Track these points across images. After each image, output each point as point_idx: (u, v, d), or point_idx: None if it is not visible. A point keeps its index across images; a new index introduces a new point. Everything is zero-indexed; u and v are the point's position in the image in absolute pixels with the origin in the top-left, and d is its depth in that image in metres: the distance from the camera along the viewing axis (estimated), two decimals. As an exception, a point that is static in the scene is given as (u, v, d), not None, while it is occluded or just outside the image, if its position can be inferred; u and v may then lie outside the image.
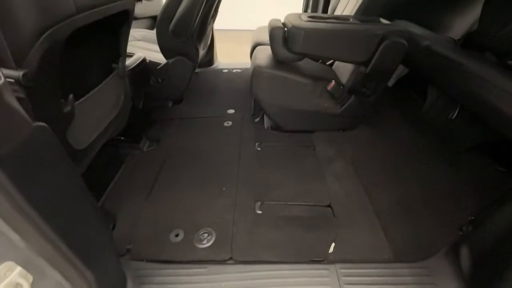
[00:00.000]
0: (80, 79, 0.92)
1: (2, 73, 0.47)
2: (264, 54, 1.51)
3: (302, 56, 1.38)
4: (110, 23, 0.93)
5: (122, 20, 1.03)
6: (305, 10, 2.68)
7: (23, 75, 0.56)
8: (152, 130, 1.64)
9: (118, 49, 1.11)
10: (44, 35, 0.61)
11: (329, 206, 1.16)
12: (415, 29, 1.80)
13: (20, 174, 0.46)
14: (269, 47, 1.42)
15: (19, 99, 0.52)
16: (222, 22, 3.19)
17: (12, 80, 0.56)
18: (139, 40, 2.09)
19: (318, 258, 0.96)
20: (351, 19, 1.36)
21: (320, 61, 1.78)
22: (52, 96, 0.72)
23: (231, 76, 2.41)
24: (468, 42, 1.57)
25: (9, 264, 0.54)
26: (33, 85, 0.59)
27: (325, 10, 2.46)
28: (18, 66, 0.59)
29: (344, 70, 1.50)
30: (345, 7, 2.02)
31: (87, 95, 0.94)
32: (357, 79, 1.39)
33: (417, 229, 1.07)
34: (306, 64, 1.51)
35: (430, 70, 1.52)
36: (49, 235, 0.53)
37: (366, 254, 0.97)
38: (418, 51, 1.58)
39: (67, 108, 0.81)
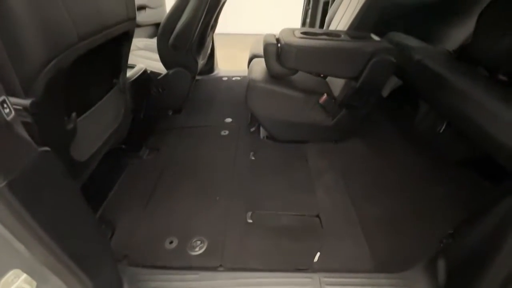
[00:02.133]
0: (82, 97, 0.99)
1: (12, 103, 0.53)
2: (260, 67, 1.57)
3: (295, 71, 1.44)
4: (111, 43, 1.00)
5: (123, 40, 1.10)
6: (304, 20, 2.74)
7: (31, 103, 0.63)
8: (152, 139, 1.71)
9: (119, 65, 1.18)
10: (49, 65, 0.68)
11: (317, 216, 1.22)
12: (410, 41, 1.83)
13: (27, 195, 0.53)
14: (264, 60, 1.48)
15: (26, 124, 0.59)
16: (225, 26, 3.24)
17: (20, 108, 0.63)
18: (141, 49, 2.16)
19: (303, 267, 1.02)
20: (342, 35, 1.41)
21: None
22: (56, 117, 0.79)
23: (230, 84, 2.48)
24: (462, 55, 1.60)
25: (16, 271, 0.61)
26: (39, 111, 0.66)
27: (322, 20, 2.51)
28: (24, 94, 0.66)
29: (336, 83, 1.55)
30: (341, 19, 2.08)
31: (89, 111, 1.01)
32: (349, 93, 1.44)
33: (400, 241, 1.12)
34: (300, 76, 1.56)
35: (421, 84, 1.56)
36: (52, 246, 0.60)
37: (348, 264, 1.03)
38: (410, 64, 1.62)
39: (70, 126, 0.88)
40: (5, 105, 0.49)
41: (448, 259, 0.94)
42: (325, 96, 1.47)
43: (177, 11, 1.52)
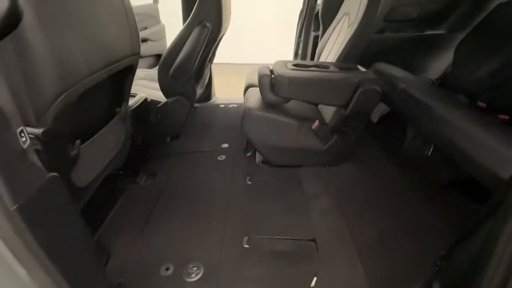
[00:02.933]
0: (86, 125, 1.04)
1: (27, 132, 0.58)
2: (254, 96, 1.66)
3: (288, 99, 1.53)
4: (116, 75, 1.07)
5: (127, 72, 1.18)
6: (296, 51, 2.92)
7: (42, 132, 0.68)
8: (149, 164, 1.74)
9: (122, 95, 1.25)
10: (60, 98, 0.74)
11: (313, 240, 1.23)
12: (395, 71, 1.97)
13: (34, 218, 0.56)
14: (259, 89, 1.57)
15: (36, 151, 0.63)
16: (222, 56, 3.43)
17: (33, 136, 0.68)
18: (142, 78, 2.27)
19: (300, 292, 1.02)
20: (331, 67, 1.52)
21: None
22: (61, 144, 0.83)
23: (227, 111, 2.57)
24: (444, 83, 1.73)
25: (14, 297, 0.61)
26: (48, 139, 0.71)
27: (313, 52, 2.69)
28: (36, 123, 0.71)
29: (327, 110, 1.64)
30: (330, 51, 2.23)
31: (91, 138, 1.06)
32: (339, 120, 1.52)
33: (394, 264, 1.13)
34: (292, 104, 1.65)
35: (406, 111, 1.66)
36: (51, 270, 0.61)
37: (344, 289, 1.03)
38: (395, 93, 1.74)
39: (73, 152, 0.92)
40: (22, 134, 0.54)
41: (441, 282, 0.95)
42: (317, 122, 1.55)
43: (178, 45, 1.64)
